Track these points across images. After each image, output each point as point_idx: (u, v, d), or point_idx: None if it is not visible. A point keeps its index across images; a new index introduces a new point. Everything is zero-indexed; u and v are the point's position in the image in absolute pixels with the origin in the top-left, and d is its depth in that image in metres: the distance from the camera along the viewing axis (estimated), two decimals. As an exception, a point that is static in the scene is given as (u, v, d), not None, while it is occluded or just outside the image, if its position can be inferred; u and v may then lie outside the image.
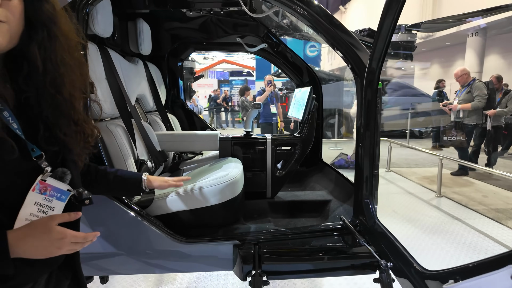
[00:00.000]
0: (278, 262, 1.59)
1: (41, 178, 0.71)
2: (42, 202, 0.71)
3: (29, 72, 0.68)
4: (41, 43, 0.67)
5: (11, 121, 0.66)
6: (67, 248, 0.67)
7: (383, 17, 1.26)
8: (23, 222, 0.67)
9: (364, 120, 1.55)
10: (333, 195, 2.35)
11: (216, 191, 1.64)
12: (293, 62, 2.87)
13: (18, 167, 0.67)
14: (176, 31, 2.81)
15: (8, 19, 0.62)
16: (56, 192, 0.73)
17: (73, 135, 0.75)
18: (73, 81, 0.73)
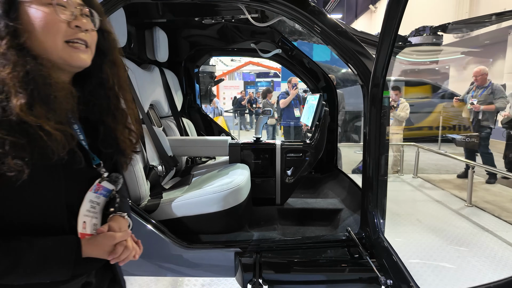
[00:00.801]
0: (278, 271, 1.58)
1: (99, 181, 0.82)
2: (94, 199, 0.82)
3: (95, 86, 0.81)
4: (109, 64, 0.83)
5: (78, 133, 0.78)
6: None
7: (384, 25, 1.22)
8: (82, 218, 0.78)
9: (369, 128, 1.51)
10: (344, 204, 2.30)
11: (219, 198, 1.66)
12: (308, 67, 2.84)
13: (84, 174, 0.78)
14: (192, 38, 2.88)
15: (91, 45, 0.77)
16: (104, 191, 0.85)
17: (126, 139, 0.86)
18: (125, 94, 0.87)
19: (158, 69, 2.58)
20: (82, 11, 0.74)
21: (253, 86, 15.31)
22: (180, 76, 2.96)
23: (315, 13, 1.53)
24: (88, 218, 0.80)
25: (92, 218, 0.81)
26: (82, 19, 0.73)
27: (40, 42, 0.69)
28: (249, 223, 1.94)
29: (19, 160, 0.61)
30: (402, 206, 4.54)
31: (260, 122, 2.32)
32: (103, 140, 0.82)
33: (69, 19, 0.71)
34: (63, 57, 0.71)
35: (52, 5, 0.69)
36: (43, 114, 0.65)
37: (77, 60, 0.73)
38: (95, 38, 0.78)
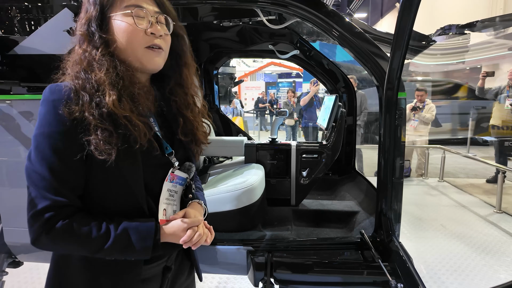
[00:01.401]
0: (290, 271, 1.59)
1: (171, 170, 0.89)
2: (171, 188, 0.90)
3: (174, 86, 0.92)
4: (186, 66, 0.93)
5: (154, 125, 0.88)
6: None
7: (397, 26, 1.20)
8: (163, 206, 0.86)
9: (384, 130, 1.49)
10: (361, 207, 2.27)
11: (232, 197, 1.70)
12: (326, 68, 2.82)
13: (158, 161, 0.87)
14: (212, 40, 2.94)
15: (166, 49, 0.87)
16: (179, 179, 0.92)
17: (201, 130, 0.97)
18: (196, 91, 0.99)
19: (178, 71, 2.65)
20: (158, 18, 0.84)
21: (274, 87, 15.29)
22: (199, 78, 3.03)
23: (329, 14, 1.53)
24: (168, 205, 0.88)
25: (172, 205, 0.90)
26: (156, 26, 0.83)
27: (124, 49, 0.81)
28: (262, 223, 1.96)
29: (108, 144, 0.73)
30: (425, 211, 4.40)
31: (276, 123, 2.34)
32: (183, 129, 0.92)
33: (145, 27, 0.81)
34: (141, 61, 0.82)
35: (132, 17, 0.80)
36: (129, 108, 0.77)
37: (152, 64, 0.84)
38: (169, 42, 0.88)
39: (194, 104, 0.96)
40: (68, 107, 0.74)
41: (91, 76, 0.76)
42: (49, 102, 0.75)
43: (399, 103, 1.45)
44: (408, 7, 1.11)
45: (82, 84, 0.76)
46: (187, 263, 1.03)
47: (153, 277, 0.89)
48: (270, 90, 14.77)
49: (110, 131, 0.74)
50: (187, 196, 0.96)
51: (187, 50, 0.94)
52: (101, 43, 0.79)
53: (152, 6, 0.84)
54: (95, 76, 0.76)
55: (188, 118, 0.93)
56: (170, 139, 0.93)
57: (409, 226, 3.86)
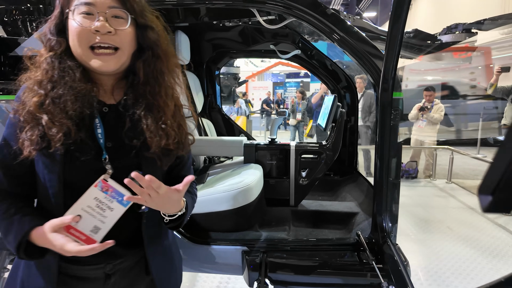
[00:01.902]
0: (285, 272, 1.59)
1: (103, 177, 0.81)
2: (103, 199, 0.80)
3: (133, 82, 0.85)
4: (146, 60, 0.84)
5: (98, 127, 0.83)
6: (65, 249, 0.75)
7: (390, 25, 1.19)
8: (78, 211, 0.79)
9: (379, 130, 1.47)
10: (361, 208, 2.25)
11: (228, 197, 1.70)
12: (328, 68, 2.80)
13: (88, 164, 0.81)
14: (214, 41, 2.96)
15: (122, 45, 0.80)
16: (117, 195, 0.81)
17: (156, 135, 0.83)
18: (167, 92, 0.87)
19: (180, 71, 2.67)
20: (109, 13, 0.77)
21: (282, 87, 15.27)
22: (201, 78, 3.05)
23: (325, 14, 1.52)
24: (88, 215, 0.79)
25: (96, 219, 0.80)
26: (104, 23, 0.76)
27: (73, 49, 0.79)
28: (260, 223, 1.96)
29: (29, 143, 0.76)
30: (432, 212, 4.33)
31: (275, 123, 2.34)
32: (127, 132, 0.83)
33: (89, 25, 0.76)
34: (86, 62, 0.79)
35: (81, 15, 0.77)
36: (50, 110, 0.76)
37: (96, 66, 0.78)
38: (126, 37, 0.80)
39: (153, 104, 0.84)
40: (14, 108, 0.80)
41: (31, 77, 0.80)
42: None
43: (395, 104, 1.43)
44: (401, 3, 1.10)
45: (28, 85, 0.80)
46: (146, 277, 0.94)
47: (94, 279, 0.88)
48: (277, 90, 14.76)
49: (32, 131, 0.76)
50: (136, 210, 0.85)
51: (157, 42, 0.85)
52: (54, 44, 0.79)
53: (105, 1, 0.77)
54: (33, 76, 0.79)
55: (139, 119, 0.83)
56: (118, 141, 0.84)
57: (414, 228, 3.81)
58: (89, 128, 0.81)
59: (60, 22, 0.80)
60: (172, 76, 0.91)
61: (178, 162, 0.96)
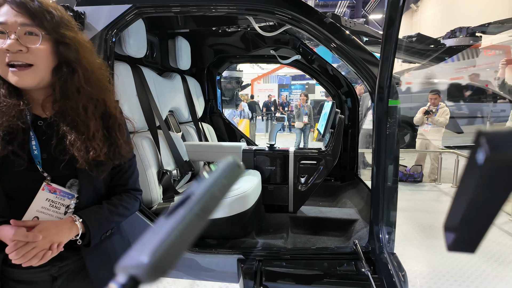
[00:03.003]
0: (280, 281, 1.58)
1: (46, 182, 0.87)
2: (55, 199, 0.88)
3: (55, 97, 0.85)
4: (62, 76, 0.85)
5: (32, 139, 0.86)
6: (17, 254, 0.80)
7: (384, 32, 1.18)
8: (34, 213, 0.86)
9: (375, 139, 1.46)
10: (360, 215, 2.23)
11: (224, 204, 1.70)
12: (329, 73, 2.79)
13: (26, 175, 0.85)
14: (215, 46, 2.97)
15: (36, 62, 0.81)
16: (65, 194, 0.90)
17: (81, 148, 0.86)
18: (88, 107, 0.88)
19: (180, 77, 2.69)
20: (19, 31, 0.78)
21: (287, 89, 15.24)
22: (202, 82, 3.06)
23: (321, 21, 1.52)
24: (44, 215, 0.87)
25: (53, 217, 0.88)
26: (13, 42, 0.77)
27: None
28: (258, 230, 1.95)
29: None
30: (436, 218, 4.27)
31: (274, 129, 2.33)
32: (55, 147, 0.85)
33: (1, 44, 0.77)
34: (7, 79, 0.81)
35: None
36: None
37: (15, 82, 0.81)
38: (41, 54, 0.81)
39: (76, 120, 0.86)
40: None
41: None
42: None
43: (391, 112, 1.41)
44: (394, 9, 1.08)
45: None
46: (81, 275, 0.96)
47: (40, 282, 0.90)
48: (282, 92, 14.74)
49: None
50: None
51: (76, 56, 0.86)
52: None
53: (18, 19, 0.78)
54: None
55: (64, 135, 0.86)
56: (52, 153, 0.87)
57: (418, 234, 3.76)
58: (22, 141, 0.83)
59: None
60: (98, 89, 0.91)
61: (118, 171, 1.00)
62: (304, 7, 1.52)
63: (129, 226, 1.64)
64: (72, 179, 0.91)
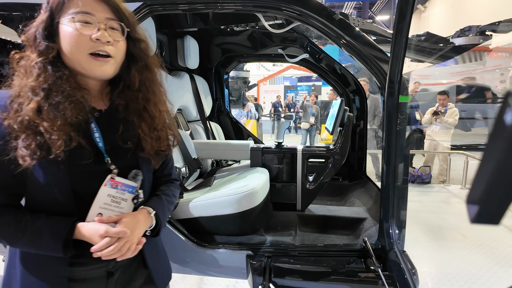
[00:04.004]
0: (289, 277, 1.57)
1: (110, 176, 0.88)
2: (115, 194, 0.87)
3: (123, 89, 0.90)
4: (138, 69, 0.91)
5: (95, 131, 0.86)
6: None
7: (395, 27, 1.17)
8: (97, 210, 0.85)
9: (386, 135, 1.45)
10: (369, 214, 2.21)
11: (233, 200, 1.70)
12: (337, 72, 2.78)
13: (93, 169, 0.85)
14: (222, 45, 2.98)
15: (116, 55, 0.86)
16: (126, 187, 0.90)
17: (148, 138, 0.91)
18: (157, 98, 0.95)
19: (188, 76, 2.71)
20: (108, 24, 0.83)
21: (293, 90, 15.22)
22: (210, 82, 3.08)
23: (330, 18, 1.52)
24: (107, 211, 0.86)
25: (115, 212, 0.87)
26: (104, 33, 0.81)
27: (68, 55, 0.81)
28: (265, 227, 1.95)
29: (28, 151, 0.75)
30: (445, 219, 4.22)
31: (282, 127, 2.33)
32: (122, 135, 0.89)
33: (90, 34, 0.80)
34: (85, 68, 0.82)
35: (79, 23, 0.80)
36: (51, 116, 0.76)
37: (96, 72, 0.83)
38: (121, 48, 0.87)
39: (144, 110, 0.91)
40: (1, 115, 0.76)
41: (24, 83, 0.77)
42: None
43: (401, 108, 1.41)
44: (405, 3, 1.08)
45: (16, 91, 0.78)
46: (144, 271, 0.99)
47: (95, 279, 0.89)
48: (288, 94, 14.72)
49: (30, 140, 0.75)
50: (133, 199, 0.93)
51: (146, 54, 0.92)
52: (44, 49, 0.79)
53: (104, 13, 0.83)
54: (26, 82, 0.77)
55: (132, 124, 0.90)
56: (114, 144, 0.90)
57: (426, 235, 3.72)
58: (85, 134, 0.83)
59: (49, 26, 0.80)
60: (159, 84, 0.97)
61: (163, 162, 1.03)
62: (313, 3, 1.53)
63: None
64: (134, 170, 0.93)
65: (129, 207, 0.91)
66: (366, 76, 4.83)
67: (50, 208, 0.83)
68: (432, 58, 2.93)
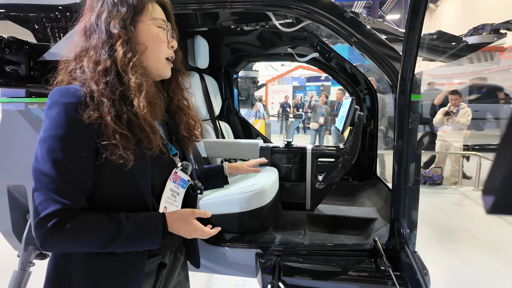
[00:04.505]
0: (299, 276, 1.57)
1: (175, 170, 0.92)
2: (173, 188, 0.92)
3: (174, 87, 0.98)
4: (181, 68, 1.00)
5: (159, 128, 0.89)
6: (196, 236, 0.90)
7: (407, 24, 1.16)
8: (163, 204, 0.89)
9: (397, 133, 1.44)
10: (380, 214, 2.19)
11: (243, 199, 1.71)
12: (347, 71, 2.77)
13: (164, 162, 0.90)
14: (232, 45, 2.99)
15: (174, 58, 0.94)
16: (181, 181, 0.95)
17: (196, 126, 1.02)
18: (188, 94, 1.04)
19: (198, 75, 2.72)
20: (172, 32, 0.91)
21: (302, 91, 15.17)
22: (219, 81, 3.09)
23: (341, 16, 1.51)
24: (169, 204, 0.91)
25: (173, 206, 0.92)
26: (174, 40, 0.91)
27: (149, 56, 0.85)
28: (274, 226, 1.95)
29: (127, 149, 0.75)
30: (457, 221, 4.15)
31: (292, 126, 2.33)
32: (184, 125, 0.98)
33: (168, 40, 0.89)
34: (160, 70, 0.89)
35: (160, 27, 0.87)
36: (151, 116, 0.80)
37: (167, 73, 0.92)
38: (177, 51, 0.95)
39: (184, 100, 1.01)
40: (85, 112, 0.73)
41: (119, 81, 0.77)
42: (60, 104, 0.73)
43: (413, 106, 1.39)
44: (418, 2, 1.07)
45: (103, 88, 0.75)
46: (180, 259, 1.04)
47: (149, 273, 0.89)
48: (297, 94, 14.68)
49: (127, 137, 0.75)
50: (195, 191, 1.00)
51: (181, 57, 1.00)
52: (133, 46, 0.80)
53: (169, 20, 0.91)
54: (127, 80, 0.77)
55: (189, 114, 0.99)
56: (169, 139, 0.97)
57: (438, 237, 3.66)
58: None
59: (127, 19, 0.81)
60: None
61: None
62: (323, 1, 1.52)
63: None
64: (184, 162, 0.96)
65: (180, 202, 0.95)
66: (375, 76, 4.79)
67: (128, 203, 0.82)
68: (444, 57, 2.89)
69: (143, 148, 0.78)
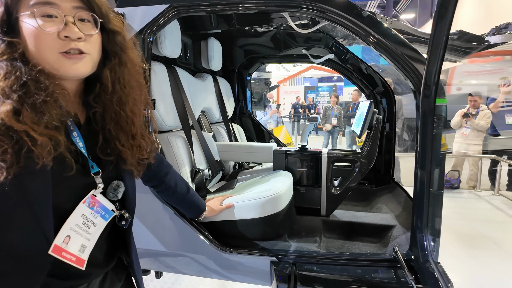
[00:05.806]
0: (315, 285, 1.52)
1: (92, 193, 0.78)
2: (88, 216, 0.76)
3: (99, 92, 0.78)
4: (112, 68, 0.79)
5: (78, 141, 0.75)
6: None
7: (434, 25, 1.10)
8: (67, 231, 0.73)
9: (420, 139, 1.37)
10: (398, 221, 2.11)
11: (257, 205, 1.67)
12: (363, 72, 2.69)
13: (77, 181, 0.75)
14: (245, 47, 2.96)
15: (90, 51, 0.74)
16: (101, 209, 0.79)
17: (129, 147, 0.82)
18: (135, 100, 0.83)
19: (212, 77, 2.70)
20: (77, 16, 0.71)
21: (314, 91, 15.04)
22: (233, 83, 3.06)
23: (361, 16, 1.45)
24: (75, 234, 0.74)
25: (83, 238, 0.76)
26: (73, 28, 0.69)
27: (34, 54, 0.68)
28: (289, 233, 1.90)
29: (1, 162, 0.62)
30: (476, 227, 4.00)
31: (306, 129, 2.27)
32: (101, 147, 0.79)
33: (56, 30, 0.68)
34: (56, 68, 0.70)
35: (41, 17, 0.67)
36: (30, 120, 0.64)
37: (70, 71, 0.71)
38: (95, 42, 0.75)
39: (120, 115, 0.80)
40: None
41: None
42: None
43: (438, 111, 1.32)
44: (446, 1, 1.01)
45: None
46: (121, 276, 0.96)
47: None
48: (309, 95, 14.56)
49: (4, 148, 0.62)
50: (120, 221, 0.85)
51: (124, 48, 0.80)
52: (5, 47, 0.67)
53: (69, 2, 0.70)
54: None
55: (110, 133, 0.79)
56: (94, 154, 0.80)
57: (457, 244, 3.54)
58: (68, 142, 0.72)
59: (5, 21, 0.68)
60: (139, 84, 0.86)
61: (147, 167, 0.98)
62: (340, 0, 1.47)
63: (164, 221, 1.65)
64: (116, 181, 0.84)
65: (96, 235, 0.79)
66: (391, 77, 4.68)
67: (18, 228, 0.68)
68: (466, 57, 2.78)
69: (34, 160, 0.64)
